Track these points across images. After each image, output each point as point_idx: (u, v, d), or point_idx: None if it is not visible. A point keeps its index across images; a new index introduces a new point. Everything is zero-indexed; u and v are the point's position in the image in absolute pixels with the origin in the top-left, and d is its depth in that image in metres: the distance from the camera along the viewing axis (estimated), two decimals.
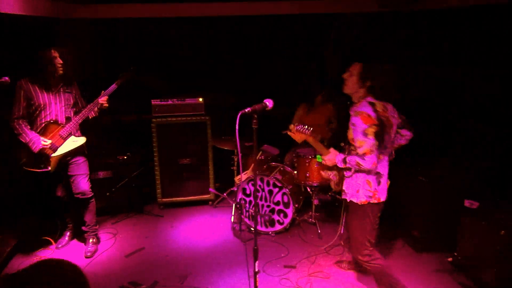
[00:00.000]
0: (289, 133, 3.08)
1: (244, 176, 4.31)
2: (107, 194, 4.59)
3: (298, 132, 2.95)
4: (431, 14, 4.55)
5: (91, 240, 3.95)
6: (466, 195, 3.58)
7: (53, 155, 3.51)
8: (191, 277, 3.51)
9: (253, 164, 4.23)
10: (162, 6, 4.81)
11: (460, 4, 4.03)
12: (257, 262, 2.16)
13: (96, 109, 3.65)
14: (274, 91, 2.77)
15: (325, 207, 4.75)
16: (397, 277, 2.93)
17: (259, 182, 4.12)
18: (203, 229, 4.43)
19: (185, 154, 4.83)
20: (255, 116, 1.99)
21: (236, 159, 4.55)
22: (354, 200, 2.80)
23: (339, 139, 4.36)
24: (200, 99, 4.81)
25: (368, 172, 2.70)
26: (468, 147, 4.08)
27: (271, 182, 4.07)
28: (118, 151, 4.87)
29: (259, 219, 4.18)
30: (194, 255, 3.88)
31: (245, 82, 5.44)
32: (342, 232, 4.15)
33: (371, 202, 2.76)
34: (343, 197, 2.94)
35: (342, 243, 4.01)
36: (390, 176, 4.62)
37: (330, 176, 3.08)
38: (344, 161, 2.71)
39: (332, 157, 2.86)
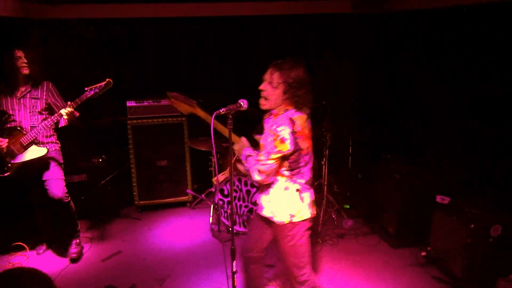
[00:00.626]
0: (170, 101, 2.57)
1: (221, 177, 4.31)
2: (82, 198, 4.49)
3: (178, 100, 2.47)
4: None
5: (74, 242, 3.84)
6: (438, 191, 3.70)
7: (12, 161, 3.40)
8: (170, 279, 3.48)
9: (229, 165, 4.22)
10: (134, 6, 4.77)
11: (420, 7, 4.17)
12: (234, 262, 2.17)
13: (63, 118, 3.44)
14: (250, 91, 2.61)
15: None
16: None
17: (236, 183, 4.13)
18: (181, 231, 4.40)
19: (162, 155, 4.79)
20: (230, 116, 2.00)
21: (213, 160, 4.54)
22: (275, 220, 2.44)
23: (318, 137, 4.44)
24: None
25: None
26: (441, 144, 4.21)
27: (248, 183, 4.08)
28: (92, 154, 4.78)
29: (237, 219, 4.19)
30: (173, 257, 3.86)
31: (221, 82, 5.43)
32: (320, 230, 4.22)
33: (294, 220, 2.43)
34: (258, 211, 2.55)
35: (320, 241, 4.06)
36: (365, 173, 4.75)
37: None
38: (246, 159, 2.37)
39: (240, 148, 2.45)
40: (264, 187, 2.44)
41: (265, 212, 2.47)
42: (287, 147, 2.24)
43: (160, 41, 5.19)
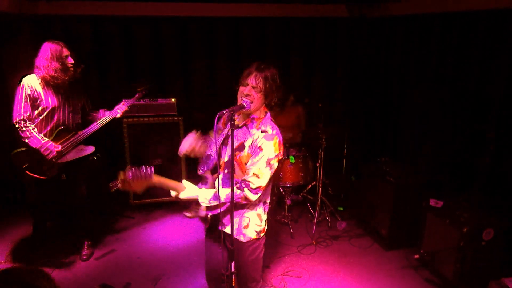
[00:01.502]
0: (121, 186, 2.11)
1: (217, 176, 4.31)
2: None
3: (135, 182, 2.08)
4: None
5: (86, 243, 3.83)
6: (431, 194, 3.75)
7: (59, 161, 3.36)
8: (164, 278, 3.48)
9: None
10: (127, 4, 4.73)
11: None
12: (233, 262, 2.18)
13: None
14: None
15: (297, 206, 4.84)
16: None
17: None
18: (175, 230, 4.40)
19: (156, 154, 4.77)
20: (233, 117, 2.01)
21: None
22: (242, 239, 2.37)
23: (313, 139, 4.47)
24: (173, 99, 4.77)
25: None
26: (435, 148, 4.27)
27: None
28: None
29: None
30: (167, 257, 3.85)
31: (215, 83, 5.43)
32: (314, 231, 4.25)
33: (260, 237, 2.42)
34: (220, 227, 2.34)
35: (314, 242, 4.09)
36: (359, 175, 4.79)
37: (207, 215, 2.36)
38: (218, 197, 2.15)
39: (193, 193, 2.30)
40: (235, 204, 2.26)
41: (229, 230, 2.25)
42: (281, 149, 2.24)
43: (154, 40, 5.17)
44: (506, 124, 3.48)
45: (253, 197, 2.22)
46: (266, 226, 2.47)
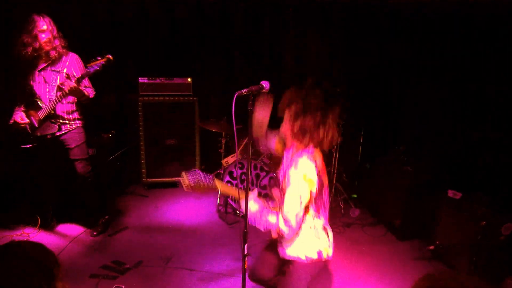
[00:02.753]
0: (186, 189, 2.18)
1: (231, 159, 4.29)
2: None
3: (198, 186, 2.15)
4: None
5: (100, 220, 3.87)
6: (448, 185, 3.66)
7: (34, 134, 3.41)
8: (176, 258, 3.49)
9: (241, 146, 4.20)
10: None
11: None
12: (246, 245, 2.16)
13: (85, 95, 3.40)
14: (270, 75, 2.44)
15: None
16: None
17: (246, 165, 4.10)
18: (188, 211, 4.41)
19: (171, 134, 4.77)
20: (251, 97, 1.95)
21: (224, 142, 4.51)
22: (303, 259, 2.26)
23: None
24: (189, 79, 4.73)
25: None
26: (454, 139, 4.15)
27: (258, 166, 4.06)
28: (102, 129, 4.76)
29: None
30: (178, 236, 3.87)
31: (232, 65, 5.36)
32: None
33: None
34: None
35: None
36: (375, 164, 4.71)
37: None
38: (264, 219, 2.13)
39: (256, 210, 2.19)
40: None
41: (291, 253, 2.27)
42: (314, 185, 2.09)
43: (170, 20, 5.09)
44: None
45: (286, 231, 2.12)
46: (330, 250, 2.30)
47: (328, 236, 2.31)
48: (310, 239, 2.24)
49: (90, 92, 3.46)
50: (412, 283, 3.14)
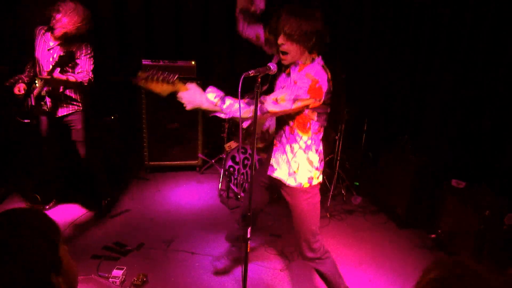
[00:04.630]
0: (140, 83, 2.07)
1: (234, 143, 4.26)
2: None
3: (152, 81, 2.04)
4: None
5: (102, 202, 3.86)
6: (452, 175, 3.64)
7: (33, 109, 3.34)
8: (177, 241, 3.50)
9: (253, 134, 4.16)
10: None
11: None
12: (249, 228, 2.15)
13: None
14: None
15: None
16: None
17: (248, 151, 4.08)
18: (189, 195, 4.40)
19: (174, 118, 4.73)
20: (259, 79, 1.92)
21: (227, 126, 4.48)
22: (292, 184, 2.27)
23: (335, 111, 4.35)
24: (193, 62, 4.67)
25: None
26: (460, 128, 4.12)
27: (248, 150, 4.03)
28: (104, 112, 4.73)
29: (247, 187, 4.17)
30: (180, 220, 3.87)
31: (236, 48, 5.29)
32: (328, 204, 4.20)
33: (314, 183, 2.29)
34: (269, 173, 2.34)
35: (328, 215, 4.05)
36: (377, 152, 4.69)
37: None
38: (223, 100, 2.05)
39: (194, 94, 2.15)
40: (283, 143, 2.25)
41: (279, 174, 2.29)
42: (321, 95, 2.05)
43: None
44: None
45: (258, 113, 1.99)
46: (320, 175, 2.31)
47: (320, 160, 2.29)
48: (302, 163, 2.22)
49: (79, 77, 3.29)
50: (413, 270, 3.13)
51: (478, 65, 3.88)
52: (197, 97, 2.11)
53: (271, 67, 2.03)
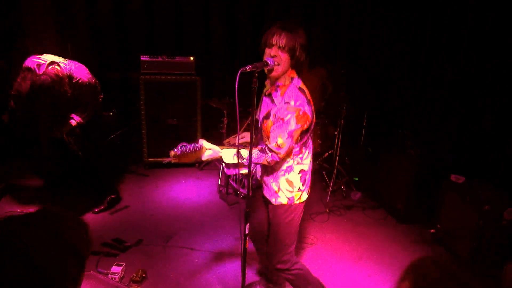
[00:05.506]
0: (173, 161, 2.23)
1: (233, 139, 4.24)
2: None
3: (184, 156, 2.19)
4: None
5: (106, 198, 3.87)
6: (452, 170, 3.63)
7: None
8: (176, 237, 3.50)
9: (244, 126, 4.15)
10: None
11: None
12: (247, 225, 2.15)
13: None
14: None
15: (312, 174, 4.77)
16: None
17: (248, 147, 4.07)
18: (188, 191, 4.40)
19: (173, 114, 4.72)
20: (256, 74, 1.91)
21: (226, 122, 4.47)
22: (273, 201, 2.34)
23: (334, 107, 4.34)
24: (191, 58, 4.65)
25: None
26: (459, 123, 4.11)
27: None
28: (103, 108, 4.70)
29: (245, 183, 4.16)
30: (179, 216, 3.87)
31: (236, 44, 5.28)
32: (328, 200, 4.20)
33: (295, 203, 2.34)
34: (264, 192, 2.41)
35: (327, 211, 4.05)
36: (377, 147, 4.68)
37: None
38: (238, 156, 2.16)
39: (214, 153, 2.25)
40: (271, 167, 2.30)
41: (266, 193, 2.38)
42: (309, 119, 2.12)
43: None
44: None
45: (272, 162, 2.16)
46: (303, 195, 2.34)
47: (304, 180, 2.32)
48: (282, 185, 2.29)
49: (84, 116, 3.40)
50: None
51: (479, 59, 3.86)
52: (215, 156, 2.26)
53: (269, 62, 2.02)
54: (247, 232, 2.17)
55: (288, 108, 2.07)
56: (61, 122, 3.37)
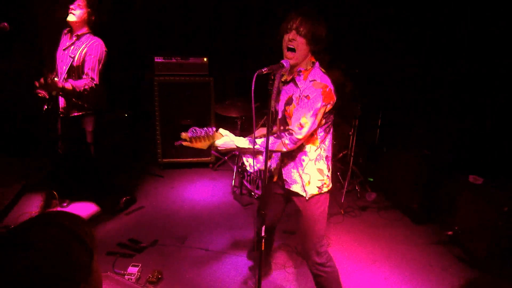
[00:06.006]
0: (184, 144, 2.23)
1: None
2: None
3: (196, 139, 2.16)
4: None
5: (122, 199, 3.91)
6: (469, 170, 3.57)
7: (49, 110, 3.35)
8: (191, 237, 3.51)
9: (259, 124, 4.16)
10: None
11: None
12: (264, 227, 2.14)
13: None
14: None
15: None
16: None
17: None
18: (203, 191, 4.42)
19: (186, 114, 4.73)
20: (272, 76, 1.90)
21: (240, 123, 4.47)
22: (304, 195, 2.32)
23: (348, 106, 4.30)
24: (205, 59, 4.66)
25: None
26: (476, 122, 4.03)
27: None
28: (117, 109, 4.77)
29: (259, 184, 4.16)
30: (194, 217, 3.88)
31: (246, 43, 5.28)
32: (342, 201, 4.17)
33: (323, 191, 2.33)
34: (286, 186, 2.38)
35: (342, 212, 4.02)
36: (392, 147, 4.62)
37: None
38: (253, 142, 2.14)
39: (228, 140, 2.20)
40: (292, 158, 2.28)
41: (296, 188, 2.34)
42: (333, 98, 2.08)
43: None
44: None
45: (290, 146, 2.13)
46: (330, 182, 2.35)
47: (328, 166, 2.31)
48: (313, 175, 2.26)
49: (80, 84, 3.17)
50: (430, 267, 3.08)
51: (501, 53, 3.77)
52: (229, 143, 2.21)
53: (284, 64, 2.01)
54: (263, 234, 2.16)
55: (314, 85, 2.05)
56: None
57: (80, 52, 3.22)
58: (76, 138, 3.57)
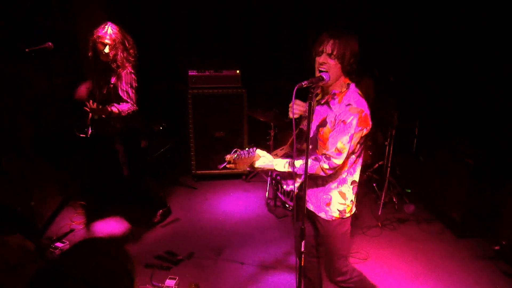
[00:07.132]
0: (228, 166, 2.24)
1: (280, 152, 4.22)
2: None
3: (239, 161, 2.18)
4: None
5: (159, 211, 3.95)
6: None
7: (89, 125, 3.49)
8: (227, 250, 3.51)
9: (291, 140, 4.12)
10: None
11: None
12: (303, 242, 2.10)
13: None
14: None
15: (361, 186, 4.64)
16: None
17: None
18: (237, 203, 4.41)
19: (220, 126, 4.76)
20: (311, 90, 1.88)
21: (272, 134, 4.45)
22: (323, 216, 2.31)
23: (382, 115, 4.21)
24: (237, 71, 4.69)
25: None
26: None
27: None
28: (153, 121, 4.85)
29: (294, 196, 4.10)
30: (229, 228, 3.88)
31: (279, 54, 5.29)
32: (379, 213, 4.06)
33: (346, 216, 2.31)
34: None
35: (380, 225, 3.91)
36: (430, 156, 4.47)
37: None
38: (293, 165, 2.13)
39: (267, 161, 2.22)
40: (315, 179, 2.26)
41: (312, 207, 2.36)
42: (369, 123, 2.08)
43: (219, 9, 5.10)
44: None
45: (329, 171, 2.12)
46: (354, 208, 2.34)
47: (354, 191, 2.29)
48: (335, 197, 2.25)
49: (124, 108, 3.30)
50: (475, 284, 2.95)
51: None
52: (268, 164, 2.24)
53: (324, 77, 1.99)
54: (303, 249, 2.12)
55: (350, 110, 2.04)
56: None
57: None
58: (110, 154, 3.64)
